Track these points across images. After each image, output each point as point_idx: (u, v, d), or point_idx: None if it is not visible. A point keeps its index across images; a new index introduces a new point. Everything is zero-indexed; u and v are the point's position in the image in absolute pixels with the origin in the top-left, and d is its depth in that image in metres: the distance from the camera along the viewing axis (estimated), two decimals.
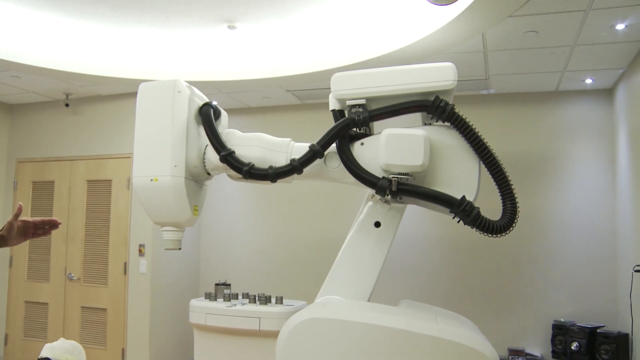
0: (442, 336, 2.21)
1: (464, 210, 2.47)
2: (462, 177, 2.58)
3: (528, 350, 5.77)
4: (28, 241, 6.31)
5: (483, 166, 2.58)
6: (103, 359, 6.25)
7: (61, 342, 2.70)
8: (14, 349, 6.79)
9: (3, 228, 2.13)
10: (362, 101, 2.65)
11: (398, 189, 2.49)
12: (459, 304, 5.82)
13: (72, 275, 6.49)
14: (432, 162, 2.54)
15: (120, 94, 6.44)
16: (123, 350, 6.17)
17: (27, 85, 6.24)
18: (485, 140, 2.55)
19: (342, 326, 2.29)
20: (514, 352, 5.70)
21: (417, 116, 2.80)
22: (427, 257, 6.21)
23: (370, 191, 2.77)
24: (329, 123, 2.73)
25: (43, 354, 2.63)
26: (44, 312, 6.68)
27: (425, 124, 2.75)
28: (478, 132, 2.55)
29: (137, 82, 3.01)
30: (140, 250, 6.20)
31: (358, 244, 2.74)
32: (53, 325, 6.61)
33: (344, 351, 2.27)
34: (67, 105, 6.61)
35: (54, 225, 2.24)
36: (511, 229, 2.53)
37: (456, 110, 2.55)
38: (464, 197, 2.49)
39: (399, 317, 2.35)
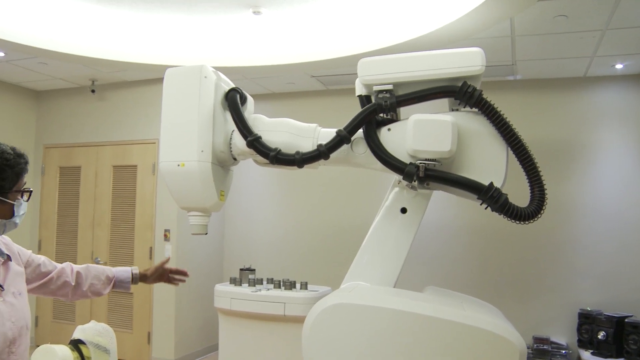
0: (469, 323, 2.20)
1: (491, 197, 2.45)
2: (490, 164, 2.55)
3: (553, 339, 5.73)
4: (56, 225, 6.46)
5: (510, 153, 2.55)
6: (129, 342, 6.34)
7: (92, 324, 2.73)
8: (44, 331, 6.93)
9: (148, 269, 2.60)
10: (389, 87, 2.63)
11: (425, 174, 2.47)
12: (483, 290, 5.79)
13: (99, 259, 6.58)
14: (459, 148, 2.51)
15: (145, 80, 6.48)
16: (149, 334, 6.26)
17: (54, 71, 6.31)
18: (513, 127, 2.52)
19: (369, 312, 2.29)
20: (539, 340, 5.66)
21: (444, 102, 2.78)
22: (453, 244, 6.19)
23: (396, 177, 2.76)
24: (353, 109, 2.71)
25: (75, 336, 2.66)
26: None
27: (453, 110, 2.72)
28: (506, 118, 2.52)
29: (162, 68, 3.02)
30: (165, 235, 6.26)
31: (384, 230, 2.73)
32: (81, 308, 6.73)
33: (370, 337, 2.27)
34: (93, 91, 6.67)
35: (183, 275, 2.76)
36: (539, 215, 2.50)
37: (484, 96, 2.53)
38: (491, 183, 2.46)
39: (426, 303, 2.34)
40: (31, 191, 1.92)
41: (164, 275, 2.65)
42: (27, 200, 1.92)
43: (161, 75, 2.97)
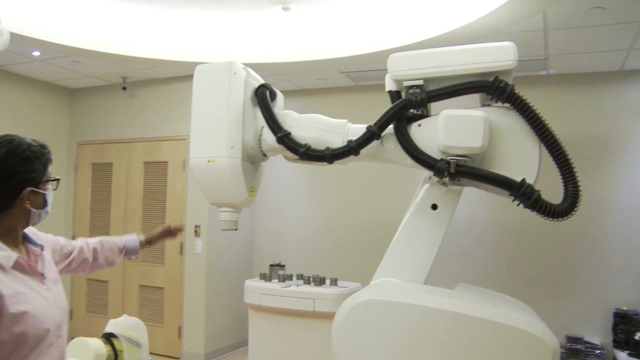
0: (502, 321, 2.17)
1: (524, 193, 2.42)
2: (522, 159, 2.52)
3: (587, 338, 5.62)
4: (89, 220, 6.57)
5: (543, 148, 2.51)
6: (160, 336, 6.42)
7: (124, 318, 2.78)
8: (78, 324, 7.06)
9: (152, 236, 2.68)
10: (420, 82, 2.61)
11: (457, 171, 2.45)
12: (515, 288, 5.71)
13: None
14: (491, 144, 2.48)
15: (175, 77, 6.53)
16: (180, 328, 6.32)
17: (86, 69, 6.40)
18: (546, 122, 2.48)
19: (400, 309, 2.28)
20: (572, 340, 5.57)
21: (475, 97, 2.75)
22: (484, 241, 6.12)
23: (427, 173, 2.74)
24: (383, 105, 2.70)
25: (107, 329, 2.71)
26: (105, 290, 6.90)
27: (484, 105, 2.69)
28: (539, 113, 2.48)
29: (192, 65, 3.04)
30: (196, 231, 6.31)
31: (414, 227, 2.72)
32: (113, 302, 6.83)
33: (401, 334, 2.26)
34: (124, 88, 6.76)
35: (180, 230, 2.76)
36: (573, 212, 2.46)
37: (516, 91, 2.49)
38: (524, 179, 2.44)
39: (458, 301, 2.32)
40: (59, 179, 1.98)
41: (164, 235, 2.72)
42: (55, 189, 1.97)
43: (191, 72, 2.99)
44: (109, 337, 2.66)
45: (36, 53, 5.80)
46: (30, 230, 1.96)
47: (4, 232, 1.78)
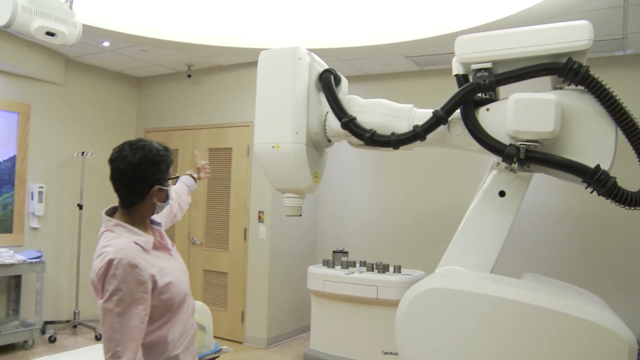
0: (574, 313, 2.09)
1: (598, 180, 2.32)
2: (597, 145, 2.41)
3: None
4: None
5: (619, 133, 2.40)
6: (224, 320, 6.53)
7: None
8: None
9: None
10: (488, 65, 2.54)
11: (526, 156, 2.37)
12: (586, 280, 5.51)
13: (195, 239, 6.80)
14: (563, 129, 2.39)
15: (239, 64, 6.59)
16: (242, 313, 6.42)
17: (153, 58, 6.54)
18: (623, 105, 2.36)
19: (466, 298, 2.23)
20: None
21: (546, 80, 2.65)
22: (553, 229, 5.92)
23: (495, 159, 2.67)
24: (449, 90, 2.63)
25: None
26: None
27: (556, 88, 2.59)
28: (615, 95, 2.36)
29: (256, 52, 3.04)
30: (259, 217, 6.37)
31: (481, 214, 2.65)
32: None
33: (466, 324, 2.21)
34: (189, 76, 6.87)
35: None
36: None
37: (591, 73, 2.38)
38: (598, 166, 2.33)
39: (527, 291, 2.25)
40: (178, 177, 2.42)
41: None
42: (175, 184, 2.38)
43: (255, 58, 2.99)
44: None
45: (106, 43, 5.96)
46: None
47: (137, 221, 2.06)
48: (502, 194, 2.64)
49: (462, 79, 2.66)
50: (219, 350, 3.65)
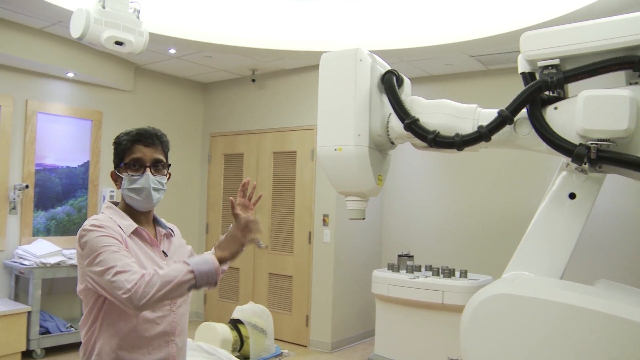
0: None
1: None
2: None
3: None
4: (222, 209, 6.55)
5: None
6: (288, 323, 6.56)
7: (250, 305, 2.84)
8: (211, 308, 7.41)
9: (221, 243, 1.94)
10: (556, 61, 2.43)
11: (598, 156, 2.26)
12: None
13: (261, 243, 6.84)
14: (638, 127, 2.26)
15: (302, 67, 6.62)
16: (307, 317, 6.43)
17: (217, 64, 6.67)
18: None
19: (535, 304, 2.13)
20: None
21: (618, 76, 2.52)
22: (628, 234, 5.65)
23: (564, 160, 2.56)
24: (516, 89, 2.54)
25: (234, 315, 2.78)
26: (236, 277, 7.17)
27: (631, 84, 2.46)
28: None
29: (318, 55, 3.04)
30: (324, 220, 6.37)
31: (551, 217, 2.55)
32: (244, 289, 7.08)
33: (534, 332, 2.12)
34: (253, 80, 6.96)
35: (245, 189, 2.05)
36: None
37: None
38: None
39: (601, 299, 2.13)
40: (134, 164, 2.06)
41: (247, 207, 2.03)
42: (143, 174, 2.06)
43: (318, 62, 2.99)
44: (235, 323, 2.73)
45: (172, 50, 6.11)
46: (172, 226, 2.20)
47: (129, 212, 2.03)
48: (572, 196, 2.53)
49: (528, 77, 2.56)
50: (280, 354, 3.65)
